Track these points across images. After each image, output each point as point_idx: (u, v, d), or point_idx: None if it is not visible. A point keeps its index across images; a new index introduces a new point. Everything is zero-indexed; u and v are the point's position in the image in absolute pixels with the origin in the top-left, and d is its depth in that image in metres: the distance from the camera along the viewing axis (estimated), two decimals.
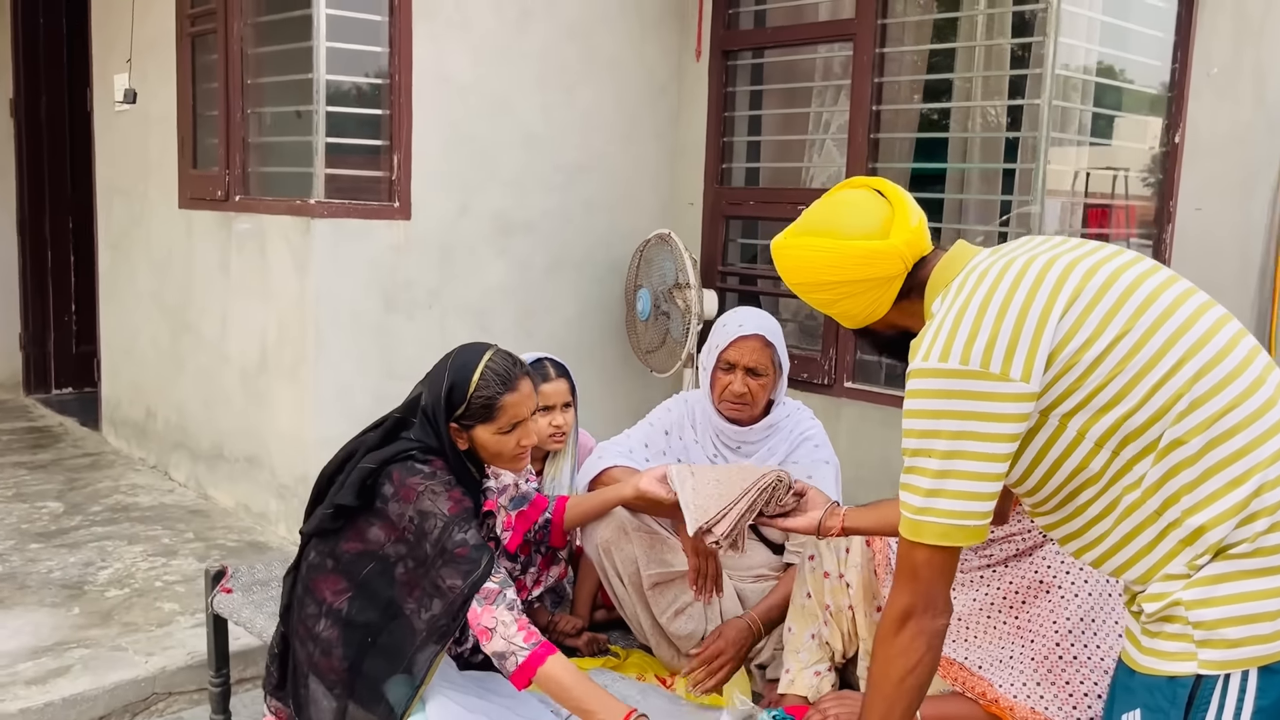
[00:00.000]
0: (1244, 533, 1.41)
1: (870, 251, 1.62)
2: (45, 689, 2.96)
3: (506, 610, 1.96)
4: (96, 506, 4.58)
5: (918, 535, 1.52)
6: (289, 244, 4.06)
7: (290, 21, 4.06)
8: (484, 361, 2.12)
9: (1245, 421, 1.43)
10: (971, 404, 1.46)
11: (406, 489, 2.04)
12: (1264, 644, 1.41)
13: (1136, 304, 1.46)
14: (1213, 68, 4.70)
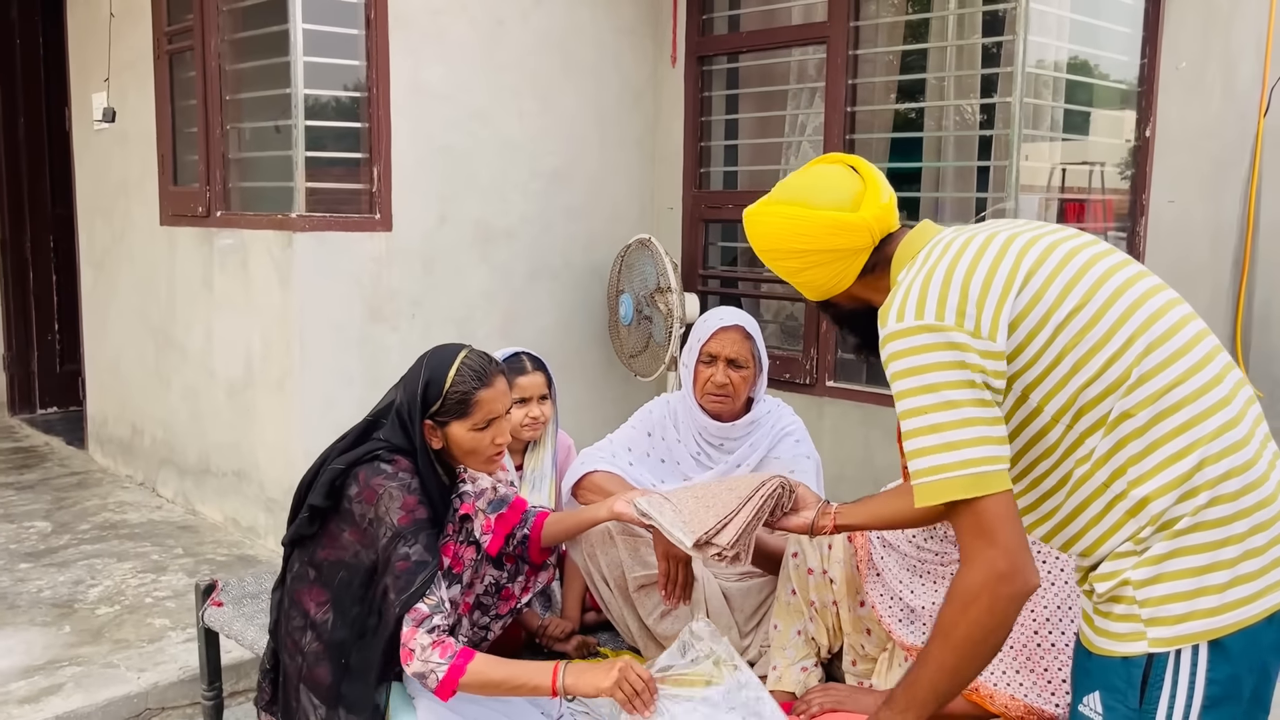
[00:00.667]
0: (1185, 507, 1.45)
1: (839, 223, 1.65)
2: (39, 707, 2.97)
3: (427, 634, 1.99)
4: (85, 525, 4.58)
5: (946, 495, 1.47)
6: (272, 258, 4.08)
7: (267, 37, 4.09)
8: (460, 358, 2.15)
9: (1190, 397, 1.47)
10: (949, 354, 1.47)
11: (369, 490, 2.07)
12: (1210, 617, 1.45)
13: (1091, 281, 1.51)
14: (1181, 62, 4.77)
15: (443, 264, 4.37)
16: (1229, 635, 1.45)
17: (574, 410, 4.76)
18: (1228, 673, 1.46)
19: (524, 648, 2.66)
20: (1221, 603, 1.45)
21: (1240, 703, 1.49)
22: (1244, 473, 1.47)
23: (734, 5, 4.94)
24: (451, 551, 2.19)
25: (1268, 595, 1.46)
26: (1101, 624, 1.53)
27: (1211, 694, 1.46)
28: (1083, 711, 1.56)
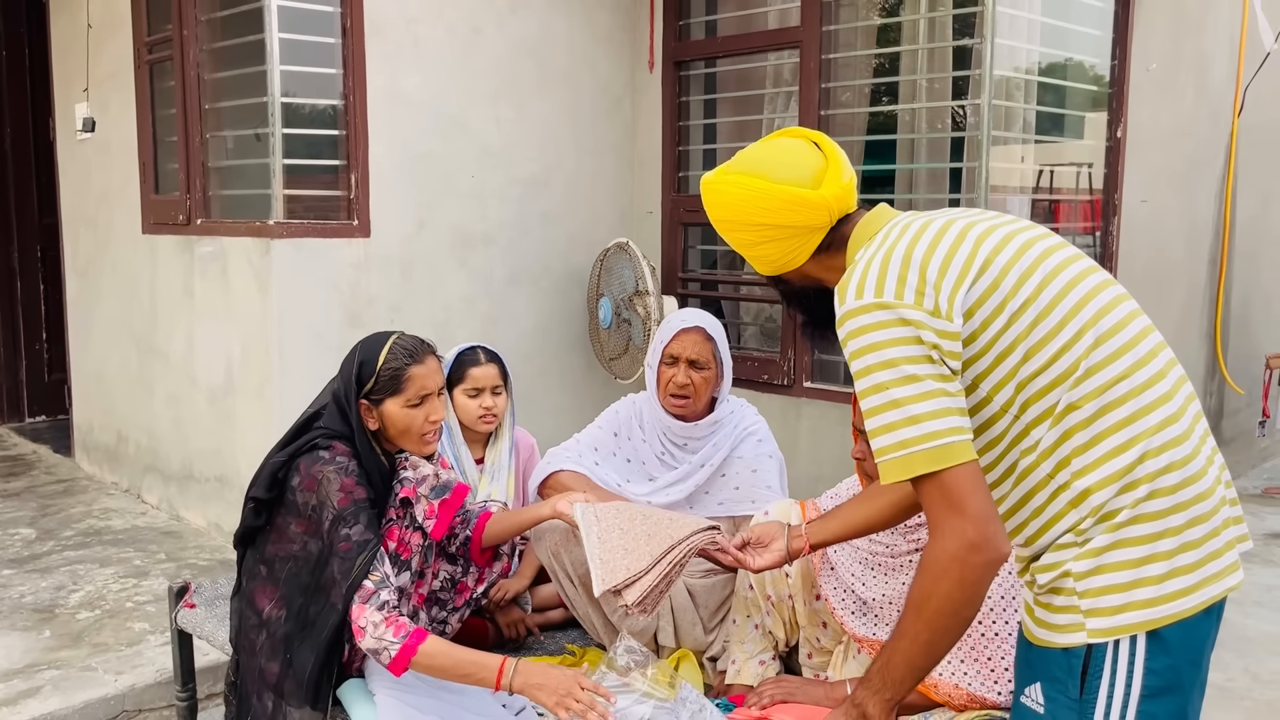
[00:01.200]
0: (1125, 499, 1.47)
1: (799, 199, 1.65)
2: (15, 710, 3.00)
3: (377, 610, 2.04)
4: (69, 531, 4.62)
5: (911, 470, 1.47)
6: (251, 265, 4.12)
7: (245, 46, 4.13)
8: (392, 339, 2.24)
9: (1134, 391, 1.50)
10: (907, 330, 1.48)
11: (309, 478, 2.12)
12: (1147, 609, 1.46)
13: (1045, 273, 1.53)
14: (1151, 63, 4.81)
15: (421, 269, 4.42)
16: (1167, 626, 1.47)
17: (554, 412, 4.82)
18: (1166, 663, 1.48)
19: (494, 645, 2.71)
20: (1159, 594, 1.46)
21: (1180, 693, 1.51)
22: (1183, 467, 1.49)
23: (710, 11, 5.00)
24: (396, 536, 2.24)
25: (1204, 587, 1.48)
26: (1042, 615, 1.55)
27: (1150, 684, 1.48)
28: (1024, 703, 1.58)
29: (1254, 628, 4.03)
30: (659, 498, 2.65)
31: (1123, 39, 4.68)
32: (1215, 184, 5.55)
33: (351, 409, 2.19)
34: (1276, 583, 4.49)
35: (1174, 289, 5.33)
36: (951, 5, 4.23)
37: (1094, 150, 4.79)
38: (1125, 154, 4.76)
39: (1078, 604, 1.49)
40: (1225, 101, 5.51)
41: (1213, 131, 5.46)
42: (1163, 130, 5.03)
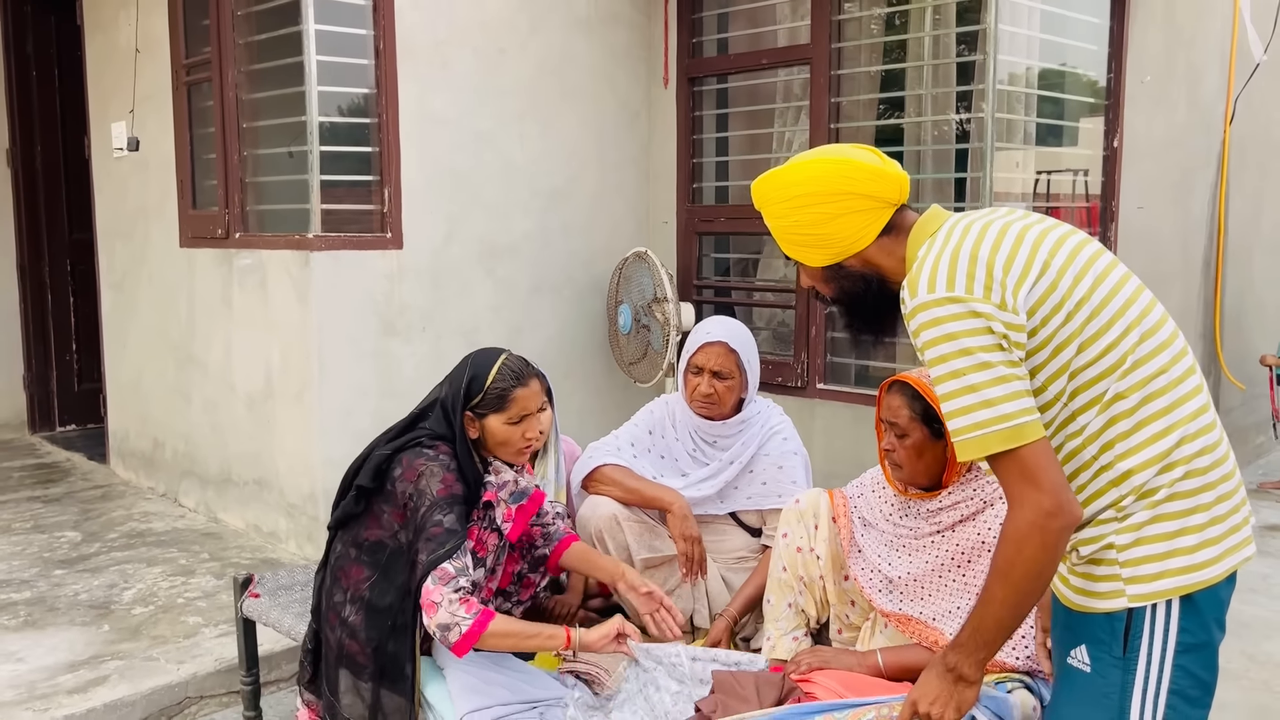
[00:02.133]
0: (1164, 479, 1.65)
1: (878, 170, 1.80)
2: (86, 697, 3.19)
3: (453, 592, 2.23)
4: (113, 534, 4.81)
5: (987, 448, 1.60)
6: (290, 276, 4.32)
7: (282, 68, 4.33)
8: (501, 359, 2.45)
9: (1173, 383, 1.68)
10: (977, 322, 1.61)
11: (410, 469, 2.32)
12: (1181, 575, 1.65)
13: (1096, 274, 1.69)
14: (1146, 75, 5.03)
15: (450, 279, 4.62)
16: (1198, 592, 1.65)
17: (577, 415, 5.01)
18: (1197, 623, 1.66)
19: None
20: (1191, 563, 1.65)
21: (1209, 649, 1.69)
22: (1213, 451, 1.68)
23: (722, 29, 5.21)
24: (475, 536, 2.43)
25: (1229, 557, 1.67)
26: (1080, 584, 1.72)
27: (1184, 641, 1.66)
28: (1071, 664, 1.75)
29: (1249, 613, 4.22)
30: (691, 492, 2.83)
31: (1118, 53, 4.89)
32: (1208, 190, 5.77)
33: (456, 417, 2.39)
34: (1271, 572, 4.69)
35: (1170, 292, 5.53)
36: (955, 23, 4.44)
37: (1091, 159, 5.00)
38: (1122, 163, 4.97)
39: (1119, 573, 1.67)
40: (1216, 111, 5.73)
41: (1205, 140, 5.68)
42: (1157, 139, 5.24)
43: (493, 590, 2.54)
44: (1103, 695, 1.70)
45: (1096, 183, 5.05)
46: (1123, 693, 1.68)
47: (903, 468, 2.35)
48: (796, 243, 1.87)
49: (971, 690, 1.75)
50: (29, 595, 4.04)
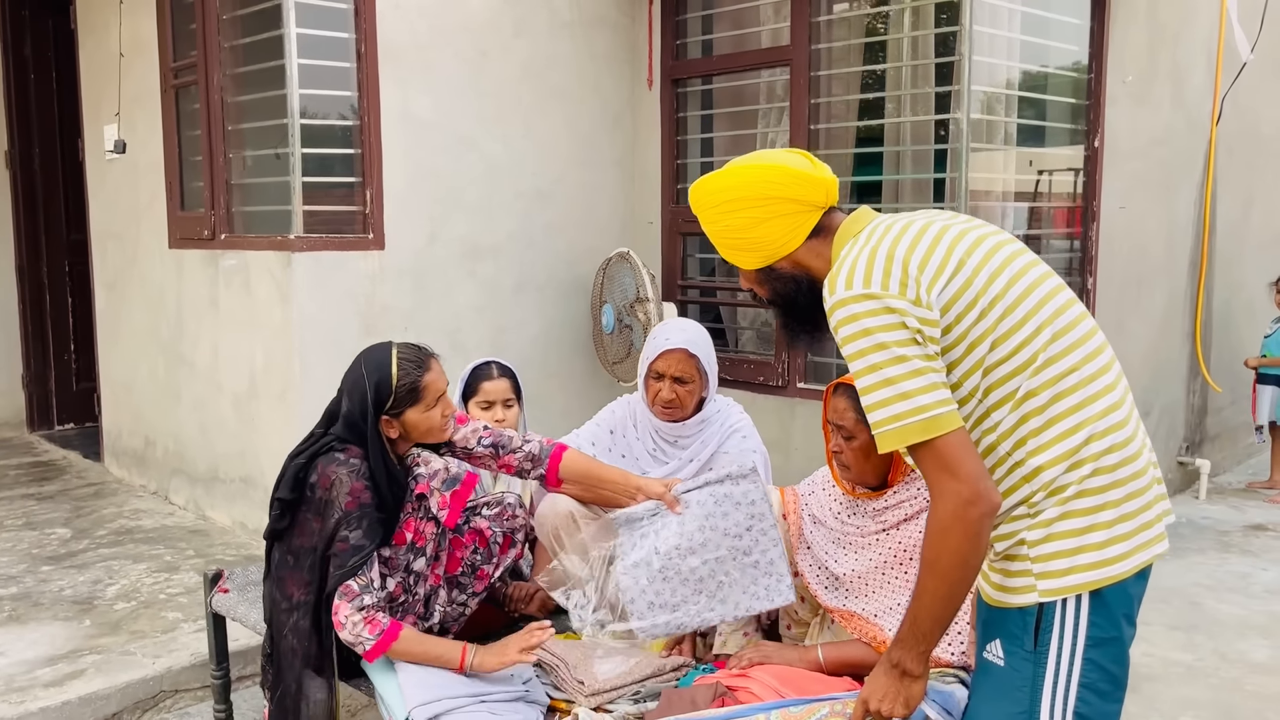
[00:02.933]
0: (1072, 476, 1.69)
1: (803, 174, 1.85)
2: (63, 690, 3.25)
3: (357, 611, 2.33)
4: (102, 531, 4.88)
5: (905, 439, 1.64)
6: (272, 277, 4.38)
7: (265, 71, 4.39)
8: (395, 355, 2.46)
9: (1084, 381, 1.72)
10: (891, 317, 1.66)
11: (324, 477, 2.38)
12: (1090, 571, 1.68)
13: (1010, 275, 1.73)
14: (1128, 75, 5.03)
15: (433, 280, 4.67)
16: (1106, 587, 1.69)
17: (561, 414, 5.05)
18: (1106, 618, 1.70)
19: (504, 626, 2.93)
20: (1100, 559, 1.68)
21: (1118, 643, 1.73)
22: (1123, 449, 1.71)
23: (706, 31, 5.24)
24: (413, 527, 2.49)
25: (1137, 554, 1.71)
26: (998, 580, 1.76)
27: (1093, 636, 1.70)
28: (986, 657, 1.80)
29: (1226, 612, 4.24)
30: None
31: (1099, 53, 4.91)
32: (1194, 190, 5.77)
33: (369, 426, 2.42)
34: (1250, 571, 4.70)
35: (1154, 292, 5.54)
36: (934, 24, 4.46)
37: (1072, 159, 5.01)
38: (1103, 163, 4.98)
39: (1030, 568, 1.71)
40: (1203, 110, 5.73)
41: (1191, 139, 5.68)
42: (1140, 139, 5.25)
43: (440, 577, 2.58)
44: (1015, 688, 1.73)
45: (1062, 184, 5.06)
46: (1034, 686, 1.71)
47: (850, 468, 2.39)
48: (729, 246, 1.92)
49: (918, 684, 1.78)
50: (15, 591, 4.10)
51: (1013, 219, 4.89)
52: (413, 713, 2.29)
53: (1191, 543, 5.09)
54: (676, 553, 2.43)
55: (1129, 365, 5.79)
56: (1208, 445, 6.18)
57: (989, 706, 1.78)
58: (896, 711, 1.79)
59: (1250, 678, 3.65)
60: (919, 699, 1.79)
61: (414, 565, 2.54)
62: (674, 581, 2.43)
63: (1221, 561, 4.83)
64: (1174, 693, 3.55)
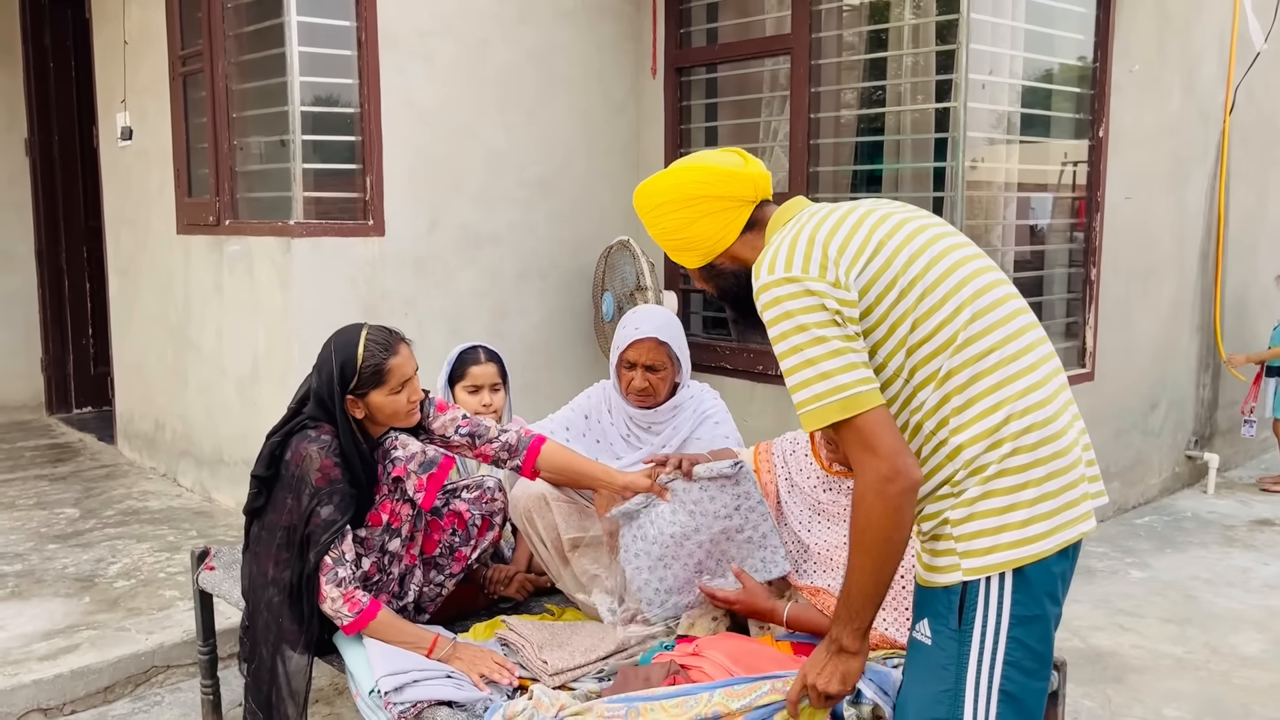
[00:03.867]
0: (992, 455, 1.70)
1: (730, 172, 1.92)
2: (56, 664, 3.33)
3: (335, 587, 2.40)
4: (110, 511, 4.97)
5: (828, 418, 1.67)
6: (273, 263, 4.44)
7: (268, 59, 4.44)
8: (363, 336, 2.49)
9: (1004, 362, 1.73)
10: (811, 299, 1.70)
11: (297, 454, 2.42)
12: (1012, 549, 1.70)
13: (930, 256, 1.76)
14: (1134, 65, 4.99)
15: (433, 266, 4.71)
16: (1028, 565, 1.70)
17: (561, 401, 4.99)
18: (1028, 596, 1.72)
19: (484, 608, 2.97)
20: (1022, 537, 1.70)
21: (1041, 621, 1.74)
22: (1043, 428, 1.72)
23: (710, 19, 5.24)
24: (389, 509, 2.52)
25: (1059, 532, 1.72)
26: (927, 560, 1.79)
27: (1016, 614, 1.71)
28: (915, 636, 1.82)
29: (1222, 605, 4.21)
30: None
31: (1104, 42, 4.86)
32: (1206, 180, 5.71)
33: (336, 405, 2.46)
34: (1251, 566, 4.66)
35: (1162, 283, 5.49)
36: (935, 13, 4.44)
37: (1077, 149, 4.97)
38: (1107, 152, 4.94)
39: (954, 547, 1.73)
40: (1216, 99, 5.66)
41: (1203, 129, 5.61)
42: (1148, 129, 5.20)
43: (415, 557, 2.62)
44: (941, 667, 1.75)
45: (1066, 174, 5.02)
46: (959, 664, 1.73)
47: (834, 446, 2.41)
48: (671, 246, 1.99)
49: (855, 661, 1.80)
50: (19, 568, 4.20)
51: (1014, 209, 4.86)
52: (380, 682, 2.33)
53: (1194, 536, 5.05)
54: (672, 540, 2.48)
55: (1135, 357, 5.74)
56: (1218, 440, 6.12)
57: (918, 686, 1.80)
58: (832, 687, 1.81)
59: (1239, 671, 3.63)
60: (856, 675, 1.81)
61: (389, 546, 2.58)
62: (675, 567, 2.50)
63: (1223, 555, 4.79)
64: (1161, 684, 3.53)
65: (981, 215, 4.62)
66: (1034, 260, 4.97)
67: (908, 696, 1.83)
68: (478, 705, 2.30)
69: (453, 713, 2.28)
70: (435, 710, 2.29)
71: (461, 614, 2.84)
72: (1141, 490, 5.51)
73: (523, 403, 3.60)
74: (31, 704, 3.22)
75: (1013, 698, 1.73)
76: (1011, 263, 4.82)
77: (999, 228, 4.71)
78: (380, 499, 2.52)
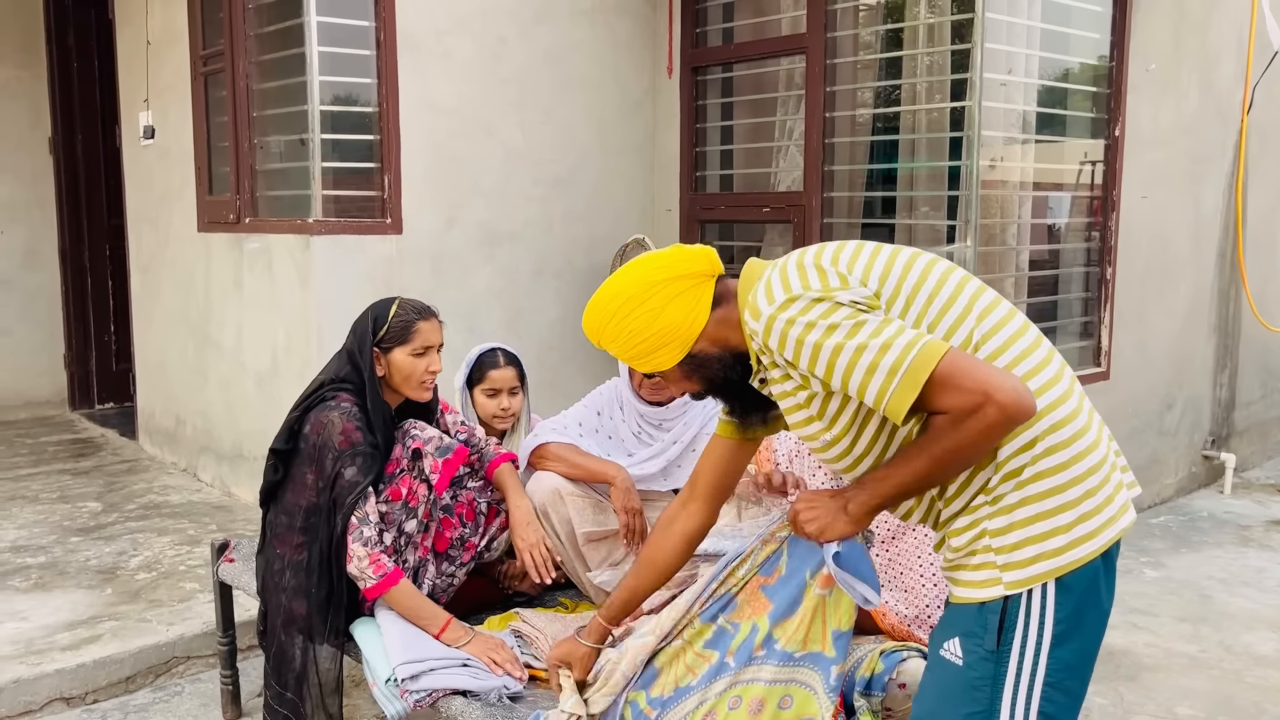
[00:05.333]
0: (1025, 457, 1.65)
1: (685, 250, 1.87)
2: (78, 654, 3.38)
3: (361, 546, 2.45)
4: (131, 505, 5.03)
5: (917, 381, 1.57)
6: (293, 260, 4.49)
7: (288, 59, 4.49)
8: (398, 299, 2.66)
9: (1021, 356, 1.69)
10: (825, 304, 1.64)
11: (316, 424, 2.47)
12: (1054, 558, 1.64)
13: (924, 265, 1.75)
14: (1151, 64, 4.98)
15: (450, 264, 4.75)
16: (1071, 573, 1.64)
17: (578, 398, 5.10)
18: (1071, 607, 1.65)
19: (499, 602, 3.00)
20: (1067, 541, 1.63)
21: (1082, 636, 1.68)
22: (1071, 422, 1.66)
23: (727, 19, 5.26)
24: (407, 485, 2.57)
25: (1104, 531, 1.66)
26: (958, 576, 1.72)
27: (1058, 631, 1.65)
28: (944, 655, 1.74)
29: (1237, 605, 4.21)
30: (636, 470, 2.91)
31: (1120, 41, 4.86)
32: (1223, 180, 5.69)
33: (365, 356, 2.56)
34: (1267, 566, 4.65)
35: (1178, 283, 5.48)
36: (950, 12, 4.45)
37: (1093, 148, 4.97)
38: (1123, 152, 4.93)
39: (994, 560, 1.66)
40: (1233, 99, 5.64)
41: (1220, 128, 5.60)
42: (1165, 128, 5.19)
43: (428, 549, 2.66)
44: (974, 689, 1.69)
45: (1082, 173, 5.02)
46: (994, 686, 1.67)
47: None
48: (644, 352, 1.85)
49: (849, 526, 1.77)
50: (43, 560, 4.26)
51: (1029, 208, 4.85)
52: (396, 670, 2.37)
53: (1210, 536, 5.04)
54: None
55: (1150, 356, 5.72)
56: (1235, 439, 6.10)
57: (947, 707, 1.73)
58: (810, 529, 1.79)
59: (1252, 670, 3.63)
60: (838, 537, 1.78)
61: (405, 526, 2.61)
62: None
63: (1239, 555, 4.78)
64: (1174, 683, 3.53)
65: (996, 214, 4.63)
66: (1049, 260, 4.98)
67: (932, 716, 1.76)
68: (491, 694, 2.33)
69: (467, 701, 2.32)
70: (450, 699, 2.33)
71: (478, 608, 2.87)
72: (1157, 490, 5.50)
73: (539, 400, 3.63)
74: (55, 693, 3.27)
75: (1051, 718, 1.67)
76: (1027, 262, 4.82)
77: (1014, 227, 4.71)
78: (400, 473, 2.57)
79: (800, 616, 1.94)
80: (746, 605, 2.01)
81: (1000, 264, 4.65)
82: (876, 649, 2.18)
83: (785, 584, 1.98)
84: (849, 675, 2.16)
